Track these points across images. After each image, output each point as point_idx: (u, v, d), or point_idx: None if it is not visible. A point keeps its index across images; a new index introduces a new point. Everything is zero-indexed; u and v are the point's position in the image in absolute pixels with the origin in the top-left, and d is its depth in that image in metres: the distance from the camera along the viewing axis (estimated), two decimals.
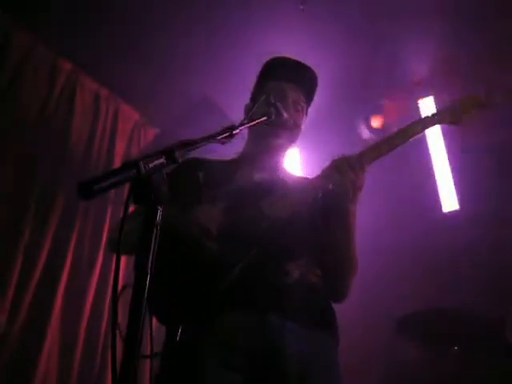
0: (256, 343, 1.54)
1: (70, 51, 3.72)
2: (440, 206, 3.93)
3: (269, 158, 1.95)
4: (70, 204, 3.57)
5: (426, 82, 3.98)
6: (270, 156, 1.96)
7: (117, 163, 4.02)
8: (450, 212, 3.90)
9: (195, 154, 1.29)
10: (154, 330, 1.38)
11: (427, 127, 1.82)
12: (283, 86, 1.93)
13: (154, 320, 1.54)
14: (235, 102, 2.08)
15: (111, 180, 0.98)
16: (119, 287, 1.14)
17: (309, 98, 2.01)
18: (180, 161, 1.17)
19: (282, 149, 1.97)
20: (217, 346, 1.54)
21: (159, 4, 3.40)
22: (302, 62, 1.98)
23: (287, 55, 2.01)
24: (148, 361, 1.38)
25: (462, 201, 3.86)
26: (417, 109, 3.99)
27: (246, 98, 2.08)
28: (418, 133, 1.80)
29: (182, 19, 3.49)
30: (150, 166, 1.08)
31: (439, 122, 1.83)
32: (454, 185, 3.90)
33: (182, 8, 3.42)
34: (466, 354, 3.00)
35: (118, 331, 1.06)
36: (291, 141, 1.95)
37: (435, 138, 4.03)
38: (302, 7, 3.34)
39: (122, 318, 1.03)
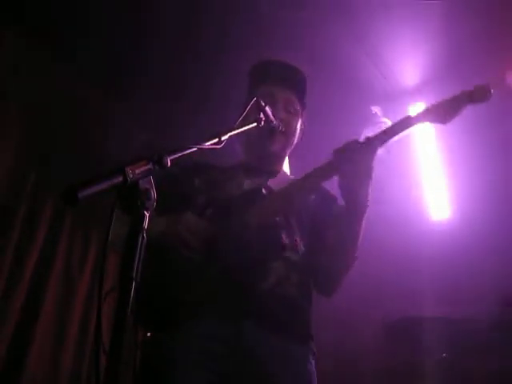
0: (229, 352, 1.52)
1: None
2: (429, 214, 3.95)
3: (265, 164, 1.93)
4: (60, 205, 3.55)
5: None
6: (267, 162, 1.93)
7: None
8: (439, 220, 3.91)
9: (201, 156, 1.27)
10: None
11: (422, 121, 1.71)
12: (272, 89, 1.90)
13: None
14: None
15: (96, 186, 0.97)
16: (106, 289, 1.14)
17: (302, 99, 1.97)
18: (168, 166, 1.16)
19: (277, 154, 1.93)
20: (190, 353, 1.52)
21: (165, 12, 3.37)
22: (288, 62, 1.96)
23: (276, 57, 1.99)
24: None
25: (453, 208, 3.87)
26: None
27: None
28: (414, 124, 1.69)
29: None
30: (137, 171, 1.07)
31: (429, 120, 1.72)
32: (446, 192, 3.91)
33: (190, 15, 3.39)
34: (454, 360, 3.01)
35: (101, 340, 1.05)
36: (287, 145, 1.92)
37: (425, 142, 4.03)
38: None
39: (107, 323, 1.02)
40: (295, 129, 1.93)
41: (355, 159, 1.56)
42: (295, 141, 1.96)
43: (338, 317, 4.06)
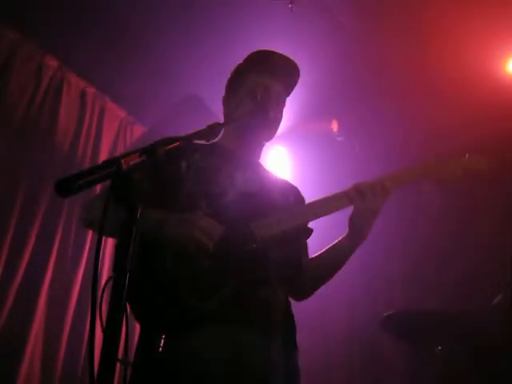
0: (226, 354, 1.53)
1: (57, 48, 3.68)
2: None
3: (249, 154, 1.92)
4: (55, 201, 3.54)
5: None
6: (251, 152, 1.93)
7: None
8: None
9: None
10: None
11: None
12: (266, 81, 1.89)
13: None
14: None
15: (90, 177, 0.97)
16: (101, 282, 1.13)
17: (289, 91, 1.99)
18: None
19: (262, 145, 1.96)
20: (191, 357, 1.51)
21: (147, 4, 3.39)
22: (285, 55, 1.94)
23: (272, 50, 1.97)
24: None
25: None
26: None
27: None
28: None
29: (170, 19, 3.47)
30: (131, 163, 1.07)
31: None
32: None
33: (169, 9, 3.40)
34: (448, 354, 3.01)
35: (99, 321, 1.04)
36: (271, 137, 1.93)
37: None
38: (290, 6, 3.32)
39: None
40: (280, 121, 1.94)
41: (370, 200, 1.69)
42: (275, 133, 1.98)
43: (336, 313, 4.07)
